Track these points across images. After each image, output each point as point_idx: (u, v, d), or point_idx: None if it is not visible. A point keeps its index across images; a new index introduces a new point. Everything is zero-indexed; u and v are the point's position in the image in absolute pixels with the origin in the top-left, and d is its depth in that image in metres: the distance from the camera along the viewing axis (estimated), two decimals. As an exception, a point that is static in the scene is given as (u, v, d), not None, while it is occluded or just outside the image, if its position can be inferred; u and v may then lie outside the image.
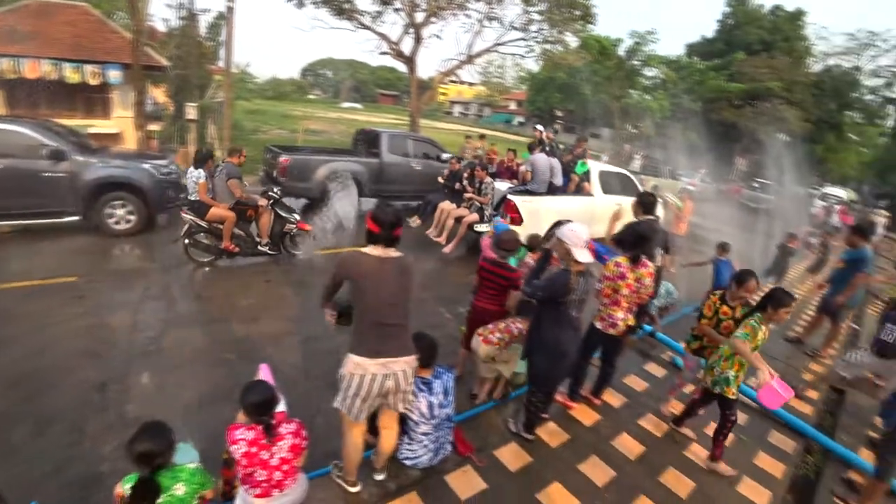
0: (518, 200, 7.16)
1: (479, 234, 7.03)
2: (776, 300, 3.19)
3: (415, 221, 8.87)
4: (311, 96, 75.90)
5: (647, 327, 5.23)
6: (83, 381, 3.63)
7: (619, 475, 3.30)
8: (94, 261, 6.04)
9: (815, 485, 3.70)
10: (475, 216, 7.74)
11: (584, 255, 3.01)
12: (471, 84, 59.69)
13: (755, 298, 3.62)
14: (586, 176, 8.39)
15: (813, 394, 5.08)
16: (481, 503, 2.91)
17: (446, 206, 8.23)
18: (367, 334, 2.47)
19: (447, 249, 7.75)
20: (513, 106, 65.60)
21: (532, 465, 3.26)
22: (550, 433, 3.62)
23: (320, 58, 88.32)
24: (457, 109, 75.97)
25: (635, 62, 24.04)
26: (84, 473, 2.83)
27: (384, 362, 2.45)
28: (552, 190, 7.99)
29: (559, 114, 53.80)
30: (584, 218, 6.03)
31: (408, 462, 3.00)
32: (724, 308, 3.65)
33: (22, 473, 2.78)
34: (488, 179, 7.90)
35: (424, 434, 2.93)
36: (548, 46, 15.43)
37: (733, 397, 3.34)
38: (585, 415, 3.94)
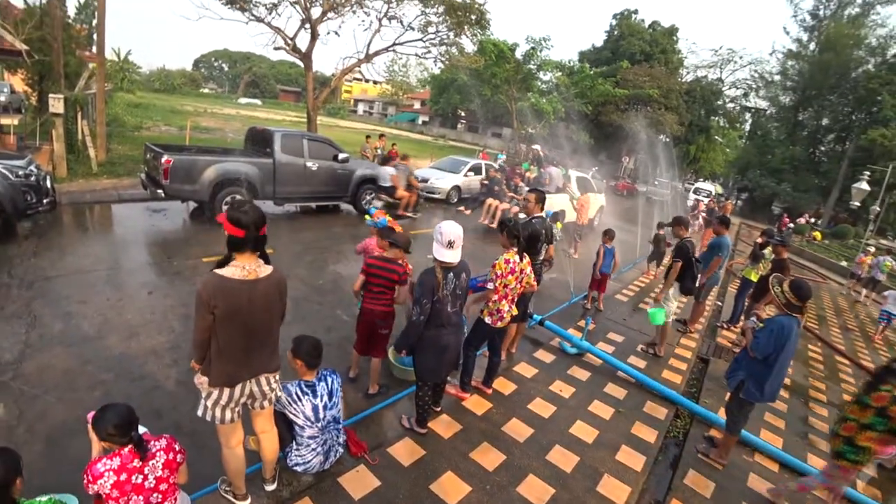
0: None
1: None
2: None
3: (465, 211, 11.85)
4: (205, 90, 70.93)
5: (538, 317, 5.53)
6: None
7: (508, 458, 3.44)
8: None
9: (683, 445, 4.16)
10: (517, 208, 10.62)
11: (444, 254, 3.06)
12: (375, 82, 59.38)
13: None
14: (568, 179, 12.83)
15: (682, 365, 5.69)
16: (375, 501, 2.88)
17: (492, 201, 11.14)
18: (227, 364, 2.27)
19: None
20: (417, 105, 66.15)
21: (425, 458, 3.29)
22: (443, 425, 3.68)
23: (215, 49, 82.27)
24: (361, 108, 75.12)
25: (531, 66, 25.34)
26: None
27: (245, 380, 2.35)
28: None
29: (462, 114, 55.46)
30: (570, 206, 11.59)
31: (298, 468, 2.90)
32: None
33: None
34: (522, 184, 12.36)
35: (311, 438, 2.85)
36: (444, 48, 15.74)
37: None
38: (477, 405, 4.05)
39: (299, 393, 2.78)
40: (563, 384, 4.67)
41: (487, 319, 3.77)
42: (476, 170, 15.30)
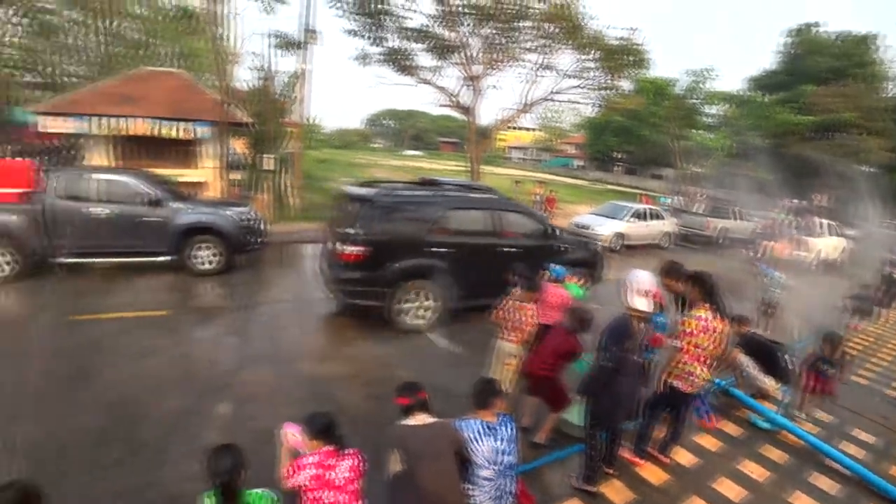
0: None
1: None
2: None
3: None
4: (374, 145, 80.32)
5: (720, 381, 4.90)
6: (168, 410, 3.98)
7: (692, 542, 3.09)
8: (181, 298, 6.74)
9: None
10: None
11: (639, 302, 3.03)
12: (529, 129, 60.72)
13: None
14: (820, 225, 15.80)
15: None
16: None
17: (766, 242, 13.64)
18: None
19: None
20: (571, 150, 65.65)
21: (596, 523, 3.13)
22: (615, 490, 3.45)
23: (383, 109, 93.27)
24: (515, 155, 76.73)
25: (694, 101, 23.48)
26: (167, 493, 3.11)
27: None
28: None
29: (619, 156, 53.46)
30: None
31: (467, 506, 2.94)
32: None
33: (112, 488, 3.09)
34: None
35: (486, 479, 2.80)
36: (602, 92, 15.55)
37: None
38: (653, 474, 3.73)
39: (481, 432, 2.78)
40: (754, 465, 4.03)
41: (677, 383, 3.48)
42: (640, 215, 14.54)
